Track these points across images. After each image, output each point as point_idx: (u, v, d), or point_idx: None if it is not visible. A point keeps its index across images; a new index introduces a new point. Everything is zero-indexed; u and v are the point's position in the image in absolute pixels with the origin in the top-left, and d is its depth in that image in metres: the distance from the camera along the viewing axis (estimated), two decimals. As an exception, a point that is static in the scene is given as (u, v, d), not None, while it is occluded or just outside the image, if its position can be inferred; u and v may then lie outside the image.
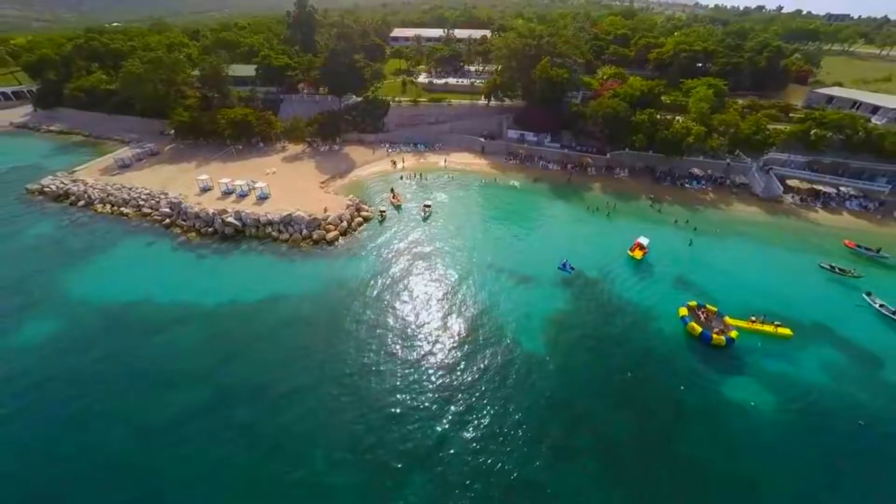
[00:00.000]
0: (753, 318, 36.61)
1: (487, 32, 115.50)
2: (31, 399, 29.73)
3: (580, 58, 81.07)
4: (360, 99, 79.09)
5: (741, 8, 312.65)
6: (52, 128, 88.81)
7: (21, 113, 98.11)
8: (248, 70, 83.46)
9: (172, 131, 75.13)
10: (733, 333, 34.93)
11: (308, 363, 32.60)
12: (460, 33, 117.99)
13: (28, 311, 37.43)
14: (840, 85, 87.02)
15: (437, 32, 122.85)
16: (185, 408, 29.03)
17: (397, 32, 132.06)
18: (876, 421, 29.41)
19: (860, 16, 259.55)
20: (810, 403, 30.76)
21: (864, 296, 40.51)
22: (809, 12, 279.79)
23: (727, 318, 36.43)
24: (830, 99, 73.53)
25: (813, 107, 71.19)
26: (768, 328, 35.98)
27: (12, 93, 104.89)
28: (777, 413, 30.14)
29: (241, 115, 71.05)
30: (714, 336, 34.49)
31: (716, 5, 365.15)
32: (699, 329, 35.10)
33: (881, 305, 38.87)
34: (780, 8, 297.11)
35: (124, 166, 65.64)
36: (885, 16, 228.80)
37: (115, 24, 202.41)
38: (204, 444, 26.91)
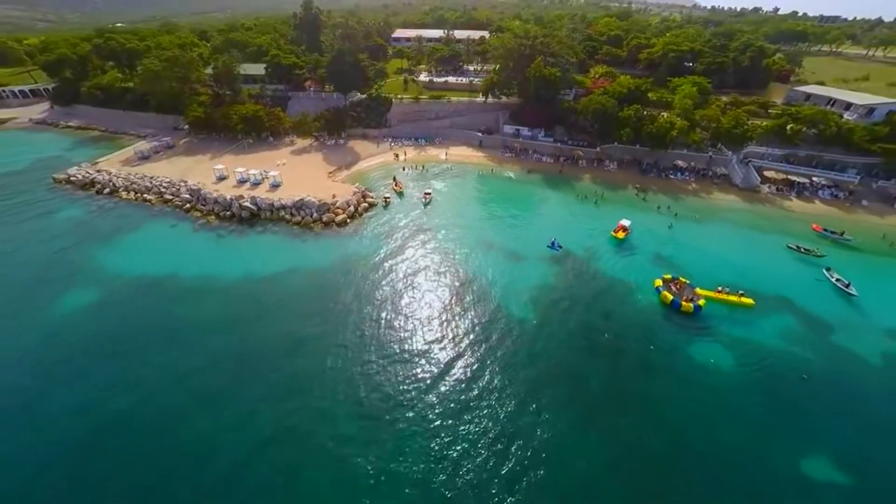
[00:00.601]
0: (720, 288, 40.82)
1: (486, 33, 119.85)
2: (82, 354, 33.78)
3: (573, 57, 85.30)
4: (364, 96, 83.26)
5: (738, 9, 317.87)
6: (70, 124, 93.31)
7: (39, 110, 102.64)
8: (257, 69, 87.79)
9: (187, 126, 79.45)
10: (701, 302, 39.09)
11: (322, 320, 37.01)
12: (460, 34, 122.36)
13: (70, 282, 41.73)
14: (822, 83, 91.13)
15: (437, 33, 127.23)
16: (215, 359, 33.24)
17: (399, 33, 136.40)
18: (817, 374, 33.39)
19: (855, 17, 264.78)
20: (763, 361, 34.66)
21: (823, 271, 44.72)
22: (805, 14, 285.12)
23: (697, 290, 40.60)
24: (808, 96, 77.74)
25: (792, 104, 75.35)
26: (733, 298, 40.15)
27: (29, 91, 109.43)
28: (734, 369, 34.12)
29: (252, 110, 75.51)
30: (683, 304, 38.68)
31: (712, 7, 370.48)
32: (671, 297, 39.28)
33: (837, 279, 43.02)
34: (777, 9, 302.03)
35: (143, 158, 69.95)
36: (880, 17, 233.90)
37: (118, 24, 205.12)
38: (233, 386, 31.03)
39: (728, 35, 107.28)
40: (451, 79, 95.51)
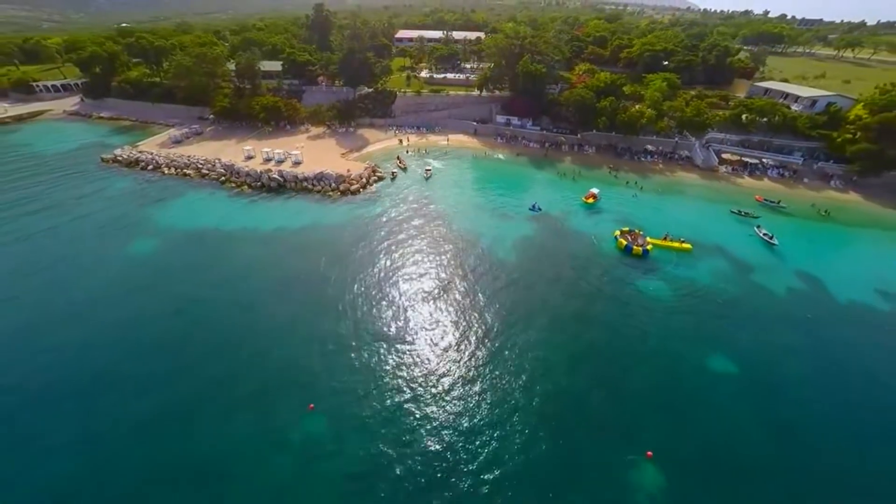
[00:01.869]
0: (665, 235, 50.33)
1: (482, 34, 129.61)
2: (152, 284, 42.64)
3: (558, 56, 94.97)
4: (371, 90, 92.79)
5: (729, 11, 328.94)
6: (101, 115, 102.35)
7: (70, 103, 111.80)
8: (275, 65, 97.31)
9: (212, 115, 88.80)
10: (649, 247, 48.45)
11: (342, 257, 46.37)
12: (458, 35, 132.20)
13: (133, 232, 51.00)
14: (786, 81, 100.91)
15: (437, 34, 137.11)
16: (261, 288, 42.11)
17: (402, 34, 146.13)
18: (732, 301, 42.30)
19: (843, 20, 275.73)
20: (692, 290, 43.48)
21: (755, 228, 54.16)
22: (794, 17, 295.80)
23: (648, 238, 49.98)
24: (766, 91, 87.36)
25: (751, 97, 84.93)
26: (675, 244, 49.58)
27: (61, 85, 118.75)
28: (668, 295, 42.92)
29: (272, 101, 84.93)
30: (634, 248, 48.06)
31: (704, 9, 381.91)
32: (625, 243, 48.69)
33: (764, 233, 52.44)
34: (767, 12, 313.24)
35: (176, 142, 79.24)
36: (863, 20, 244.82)
37: (123, 24, 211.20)
38: (275, 308, 39.71)
39: (700, 36, 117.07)
40: (450, 75, 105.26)
